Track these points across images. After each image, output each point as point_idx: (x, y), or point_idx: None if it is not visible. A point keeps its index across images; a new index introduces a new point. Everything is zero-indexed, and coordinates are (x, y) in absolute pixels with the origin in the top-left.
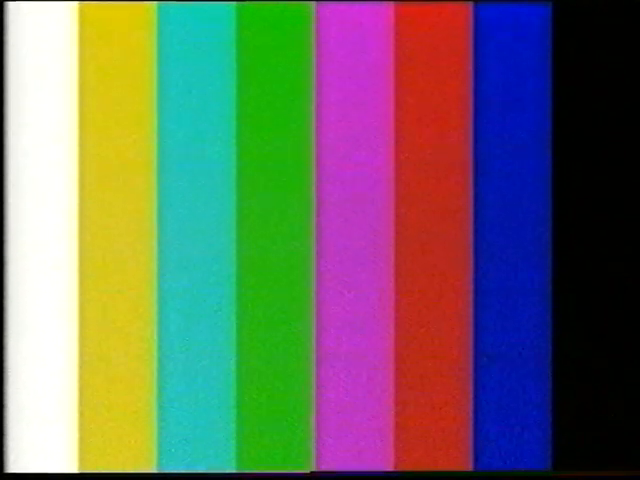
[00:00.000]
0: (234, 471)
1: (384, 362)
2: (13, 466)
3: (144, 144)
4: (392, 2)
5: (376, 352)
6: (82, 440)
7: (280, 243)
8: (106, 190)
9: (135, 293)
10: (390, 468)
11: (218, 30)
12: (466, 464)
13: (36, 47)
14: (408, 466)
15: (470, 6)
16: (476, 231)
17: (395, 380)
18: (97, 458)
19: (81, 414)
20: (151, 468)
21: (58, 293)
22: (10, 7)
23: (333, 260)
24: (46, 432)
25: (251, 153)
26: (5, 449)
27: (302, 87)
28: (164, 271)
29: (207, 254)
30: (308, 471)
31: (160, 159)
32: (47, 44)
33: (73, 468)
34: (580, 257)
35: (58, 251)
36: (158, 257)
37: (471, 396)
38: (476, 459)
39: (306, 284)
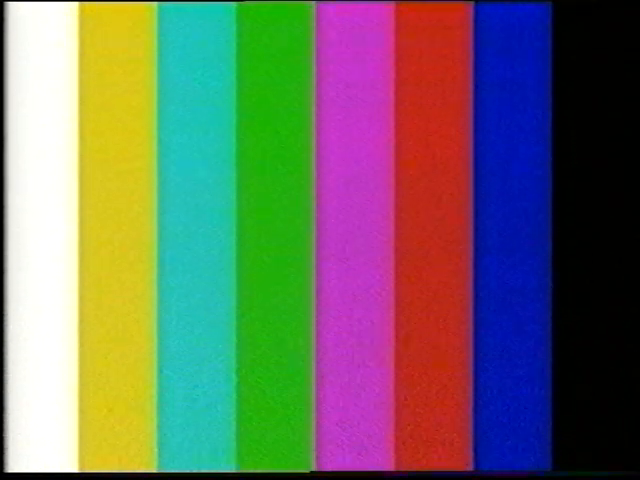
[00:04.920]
0: (234, 471)
1: (384, 362)
2: (13, 466)
3: (145, 144)
4: (392, 2)
5: (376, 352)
6: (82, 440)
7: (280, 244)
8: (106, 189)
9: (135, 293)
10: (390, 468)
11: (218, 30)
12: (466, 464)
13: (36, 47)
14: (408, 466)
15: (470, 6)
16: (476, 233)
17: (395, 380)
18: (97, 458)
19: (81, 414)
20: (151, 468)
21: (58, 294)
22: (10, 7)
23: (334, 258)
24: (46, 432)
25: (251, 152)
26: (5, 449)
27: (302, 86)
28: (164, 271)
29: (207, 253)
30: (308, 471)
31: (161, 158)
32: (47, 44)
33: (73, 468)
34: (581, 255)
35: (58, 250)
36: (158, 256)
37: (471, 396)
38: (476, 459)
39: (306, 284)
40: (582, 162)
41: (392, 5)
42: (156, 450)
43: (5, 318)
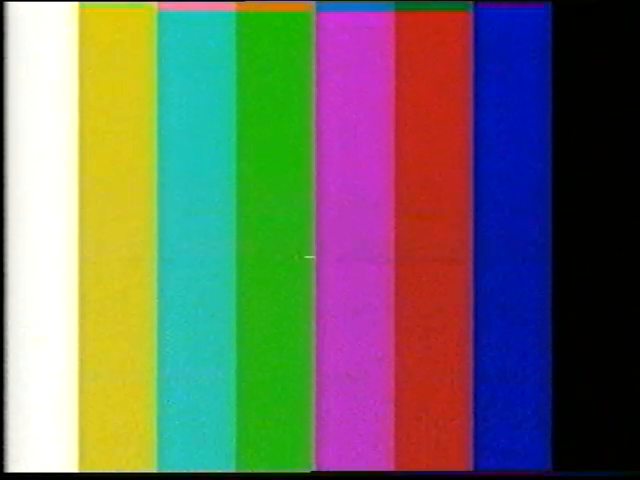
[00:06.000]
0: (234, 471)
1: (384, 362)
2: (13, 466)
3: (144, 148)
4: (392, 8)
5: (376, 351)
6: (82, 440)
7: (280, 245)
8: (106, 190)
9: (135, 293)
10: (390, 468)
11: (218, 36)
12: (466, 464)
13: (36, 48)
14: (408, 466)
15: (470, 7)
16: (476, 237)
17: (395, 380)
18: (97, 458)
19: (81, 414)
20: (151, 468)
21: (58, 293)
22: (10, 7)
23: (335, 255)
24: (46, 432)
25: (251, 159)
26: (5, 449)
27: (302, 93)
28: (165, 271)
29: (207, 254)
30: (308, 471)
31: (160, 164)
32: (47, 45)
33: (73, 468)
34: (582, 255)
35: (58, 250)
36: (158, 257)
37: (471, 396)
38: (476, 459)
39: (306, 285)
40: (582, 162)
41: (392, 12)
42: (156, 450)
43: (5, 318)
